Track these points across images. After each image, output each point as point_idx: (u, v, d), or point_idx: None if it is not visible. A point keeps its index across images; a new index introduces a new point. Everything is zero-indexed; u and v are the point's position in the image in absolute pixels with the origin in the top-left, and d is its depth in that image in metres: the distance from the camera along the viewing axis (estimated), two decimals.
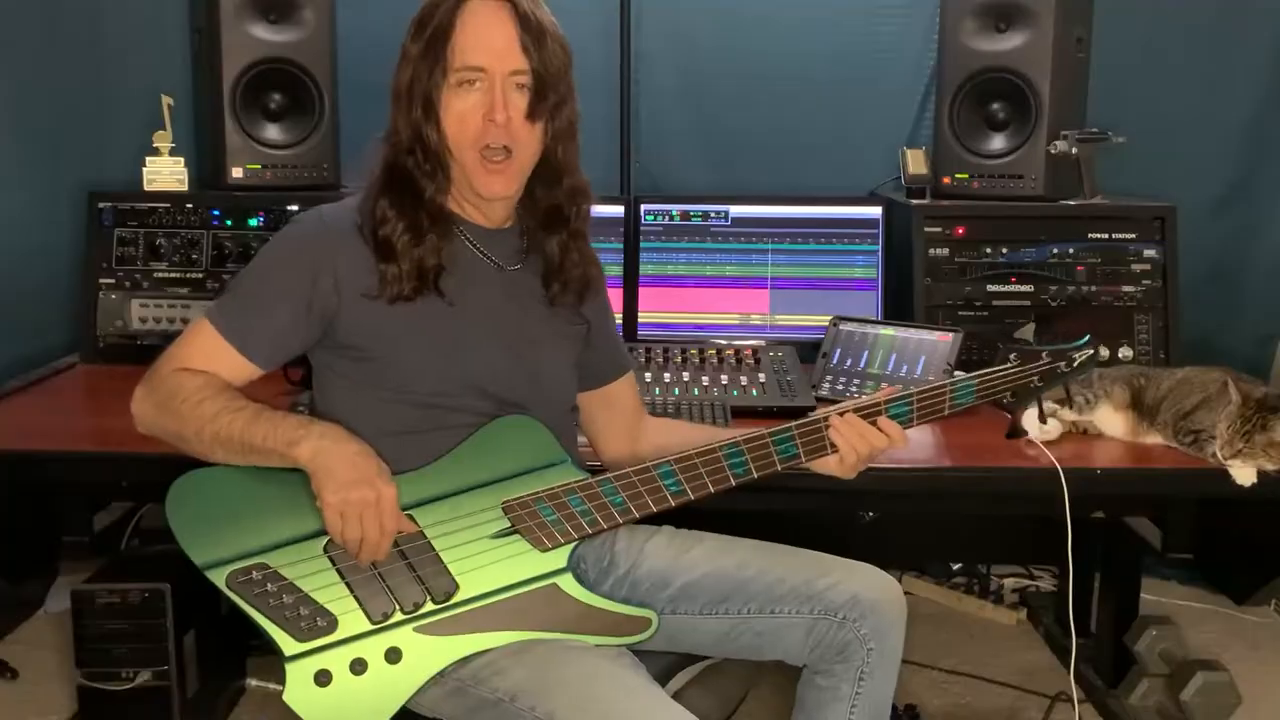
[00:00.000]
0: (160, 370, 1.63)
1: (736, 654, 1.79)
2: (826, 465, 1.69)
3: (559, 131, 1.66)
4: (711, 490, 1.65)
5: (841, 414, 1.66)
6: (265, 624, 1.55)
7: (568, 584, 1.62)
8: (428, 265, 1.61)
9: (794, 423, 1.67)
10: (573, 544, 1.63)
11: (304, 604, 1.55)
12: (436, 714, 1.62)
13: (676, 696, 1.69)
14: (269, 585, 1.55)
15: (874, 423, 1.67)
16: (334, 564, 1.57)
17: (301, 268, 1.60)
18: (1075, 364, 1.74)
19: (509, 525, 1.61)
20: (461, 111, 1.60)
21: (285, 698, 1.55)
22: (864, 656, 1.69)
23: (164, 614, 2.23)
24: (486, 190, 1.64)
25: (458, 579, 1.58)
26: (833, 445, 1.66)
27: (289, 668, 1.55)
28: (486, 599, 1.59)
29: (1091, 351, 1.76)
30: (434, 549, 1.58)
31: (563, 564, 1.62)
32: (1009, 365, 1.74)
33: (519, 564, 1.61)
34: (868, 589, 1.71)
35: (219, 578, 1.56)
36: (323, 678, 1.55)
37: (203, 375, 1.60)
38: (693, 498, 1.65)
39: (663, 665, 1.68)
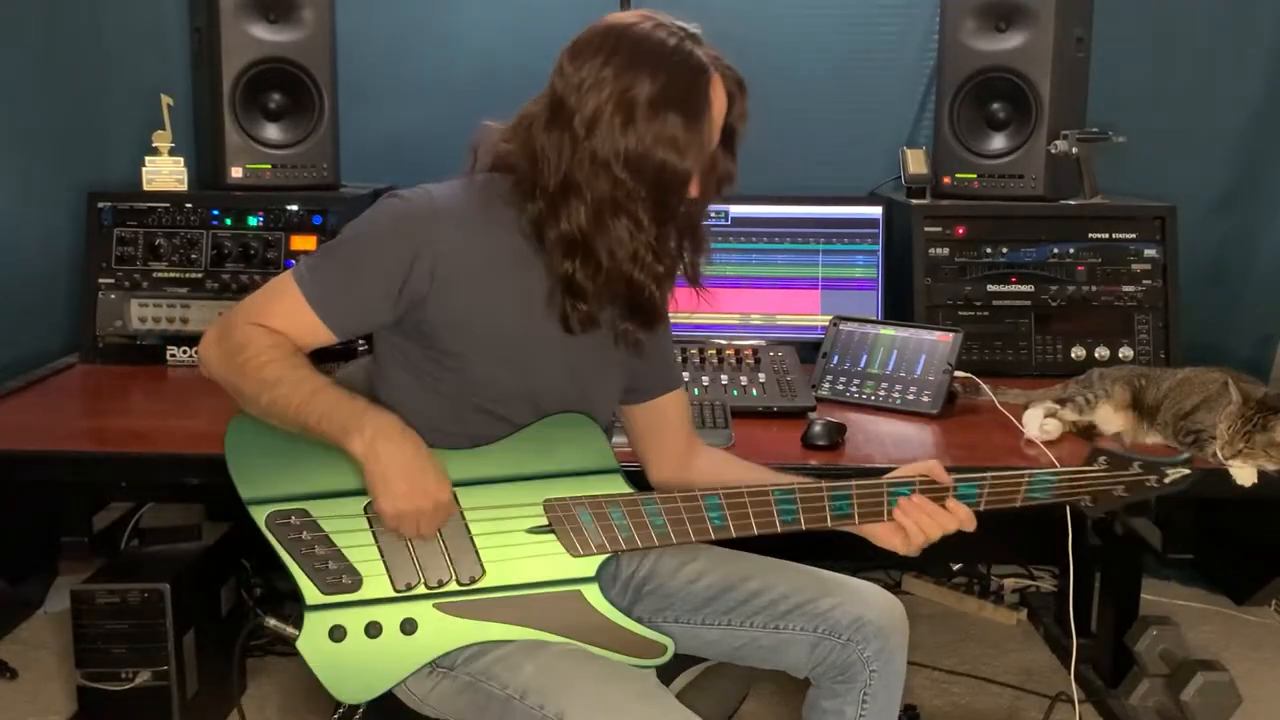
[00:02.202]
0: (236, 320, 1.58)
1: (737, 662, 1.79)
2: (890, 541, 1.66)
3: None
4: (754, 531, 1.63)
5: (910, 491, 1.64)
6: (294, 569, 1.58)
7: (593, 594, 1.61)
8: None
9: (854, 483, 1.64)
10: (605, 556, 1.62)
11: (334, 559, 1.58)
12: (445, 712, 1.63)
13: (678, 698, 1.68)
14: (305, 533, 1.58)
15: (943, 503, 1.64)
16: (370, 525, 1.58)
17: (401, 246, 1.54)
18: (1167, 481, 1.66)
19: (546, 523, 1.61)
20: None
21: (299, 644, 1.58)
22: (867, 679, 1.69)
23: (164, 614, 2.23)
24: None
25: (485, 565, 1.59)
26: (889, 514, 1.64)
27: (308, 616, 1.58)
28: (509, 590, 1.59)
29: (1188, 473, 1.65)
30: (469, 532, 1.59)
31: (591, 573, 1.61)
32: (1095, 469, 1.67)
33: (548, 564, 1.61)
34: (872, 611, 1.70)
35: (260, 515, 1.59)
36: (337, 633, 1.58)
37: (276, 335, 1.56)
38: (733, 534, 1.63)
39: (664, 667, 1.67)
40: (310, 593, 1.59)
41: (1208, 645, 2.88)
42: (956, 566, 3.25)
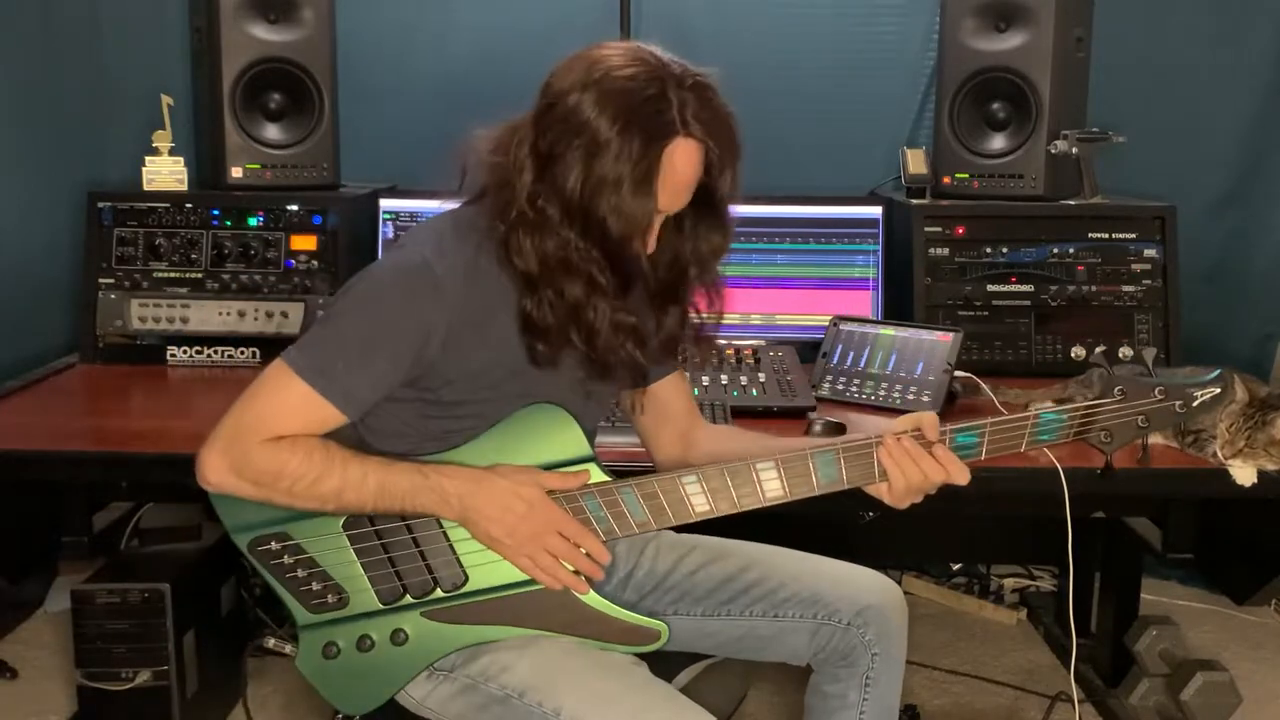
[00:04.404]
0: (246, 442, 1.50)
1: (738, 654, 1.80)
2: (877, 490, 1.59)
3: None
4: (739, 508, 1.58)
5: (897, 436, 1.55)
6: (281, 592, 1.60)
7: None
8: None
9: (841, 440, 1.58)
10: None
11: (318, 579, 1.59)
12: (444, 715, 1.62)
13: None
14: (286, 557, 1.58)
15: (930, 450, 1.55)
16: (351, 543, 1.58)
17: (412, 326, 1.50)
18: (1195, 404, 1.53)
19: None
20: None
21: (297, 663, 1.61)
22: (869, 662, 1.70)
23: (164, 614, 2.23)
24: None
25: (467, 571, 1.59)
26: (882, 472, 1.56)
27: (302, 636, 1.61)
28: (495, 593, 1.59)
29: (1218, 390, 1.52)
30: (448, 539, 1.58)
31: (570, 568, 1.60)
32: (1111, 401, 1.55)
33: None
34: (872, 595, 1.71)
35: (243, 541, 1.60)
36: (330, 650, 1.59)
37: (297, 448, 1.51)
38: (717, 513, 1.59)
39: (664, 665, 1.68)
40: (300, 614, 1.60)
41: (1208, 645, 2.88)
42: (956, 566, 3.26)
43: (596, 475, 1.59)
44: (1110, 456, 1.58)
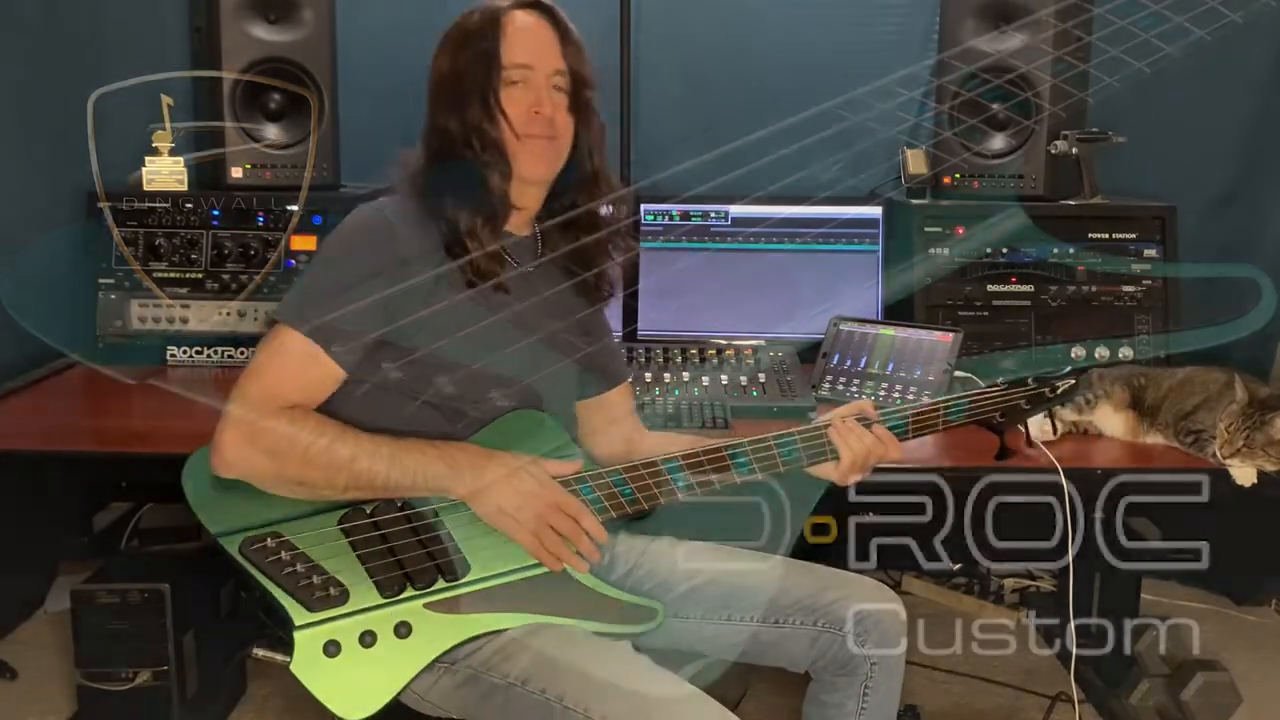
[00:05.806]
0: (254, 410, 1.56)
1: (737, 658, 1.80)
2: (825, 471, 1.74)
3: (594, 133, 1.78)
4: (716, 486, 1.70)
5: (844, 419, 1.72)
6: (276, 591, 1.56)
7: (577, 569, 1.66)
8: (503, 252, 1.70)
9: (797, 429, 1.72)
10: None
11: (316, 573, 1.57)
12: (447, 707, 1.63)
13: None
14: (282, 553, 1.57)
15: (870, 430, 1.72)
16: (347, 536, 1.59)
17: (379, 267, 1.61)
18: (1059, 391, 1.85)
19: None
20: (509, 106, 1.67)
21: (292, 667, 1.56)
22: (868, 672, 1.71)
23: (164, 614, 2.23)
24: (532, 171, 1.70)
25: (469, 560, 1.61)
26: (833, 452, 1.71)
27: (298, 636, 1.56)
28: (497, 579, 1.62)
29: (1074, 381, 1.85)
30: (447, 527, 1.61)
31: (572, 549, 1.64)
32: (997, 388, 1.83)
33: None
34: (872, 605, 1.73)
35: (233, 545, 1.57)
36: (331, 648, 1.56)
37: (309, 417, 1.57)
38: (698, 493, 1.69)
39: (662, 665, 1.68)
40: (297, 612, 1.56)
41: (1208, 645, 2.88)
42: (956, 566, 3.25)
43: (586, 465, 1.68)
44: (1004, 435, 1.86)
